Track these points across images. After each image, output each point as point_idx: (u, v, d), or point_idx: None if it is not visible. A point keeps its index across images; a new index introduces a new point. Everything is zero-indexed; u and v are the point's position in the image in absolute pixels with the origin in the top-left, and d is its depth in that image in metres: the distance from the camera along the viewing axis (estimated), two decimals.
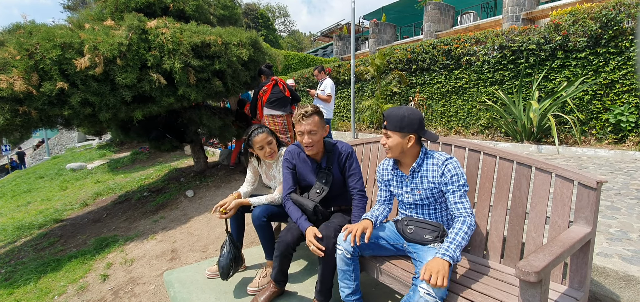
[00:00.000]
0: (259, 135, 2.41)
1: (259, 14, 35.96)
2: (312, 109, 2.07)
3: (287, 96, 4.86)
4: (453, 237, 1.58)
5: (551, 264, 1.23)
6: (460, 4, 18.04)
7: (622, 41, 5.20)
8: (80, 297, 2.95)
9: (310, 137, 2.05)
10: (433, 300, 1.43)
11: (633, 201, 2.90)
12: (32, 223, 5.57)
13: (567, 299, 1.49)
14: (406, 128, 1.71)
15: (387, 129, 1.76)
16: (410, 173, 1.80)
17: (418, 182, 1.79)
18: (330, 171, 2.18)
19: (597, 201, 1.54)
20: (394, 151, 1.77)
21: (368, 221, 1.82)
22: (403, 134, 1.72)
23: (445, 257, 1.49)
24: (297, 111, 2.08)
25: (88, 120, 4.07)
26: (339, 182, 2.21)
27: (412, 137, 1.72)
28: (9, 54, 3.43)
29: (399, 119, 1.72)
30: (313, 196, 2.15)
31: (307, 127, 2.03)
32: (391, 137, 1.75)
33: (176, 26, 4.32)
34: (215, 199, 4.79)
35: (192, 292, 2.43)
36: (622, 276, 1.81)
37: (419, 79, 8.49)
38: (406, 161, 1.81)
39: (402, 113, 1.73)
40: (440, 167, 1.73)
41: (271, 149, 2.44)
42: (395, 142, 1.74)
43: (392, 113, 1.75)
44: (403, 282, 1.71)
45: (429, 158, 1.79)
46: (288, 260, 2.14)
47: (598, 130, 5.58)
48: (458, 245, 1.55)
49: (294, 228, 2.08)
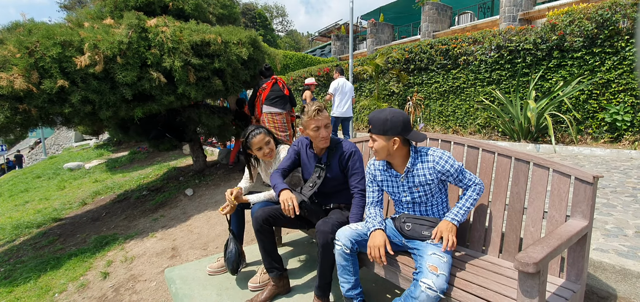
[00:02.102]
0: (256, 137, 2.43)
1: (257, 14, 35.93)
2: (320, 105, 2.16)
3: (286, 95, 4.89)
4: (463, 203, 1.77)
5: (549, 255, 1.26)
6: (458, 4, 18.12)
7: (618, 41, 5.26)
8: (81, 295, 2.96)
9: (327, 130, 2.17)
10: (434, 294, 1.46)
11: (629, 199, 2.94)
12: (30, 222, 5.55)
13: (564, 292, 1.52)
14: (389, 131, 1.73)
15: (372, 133, 1.79)
16: (405, 173, 1.82)
17: (415, 181, 1.81)
18: (329, 166, 2.22)
19: (594, 196, 1.57)
20: (380, 153, 1.80)
21: (381, 232, 1.80)
22: (387, 137, 1.74)
23: (454, 221, 1.72)
24: (311, 107, 2.14)
25: (88, 118, 4.07)
26: (338, 180, 2.24)
27: (397, 140, 1.74)
28: (9, 52, 3.43)
29: (381, 123, 1.74)
30: (306, 189, 2.22)
31: (324, 121, 2.15)
32: (376, 140, 1.78)
33: (176, 25, 4.33)
34: (215, 197, 4.80)
35: (193, 288, 2.45)
36: (618, 270, 1.85)
37: (416, 79, 8.54)
38: (395, 162, 1.84)
39: (384, 116, 1.75)
40: (435, 165, 1.76)
41: (269, 149, 2.46)
42: (381, 146, 1.77)
43: (375, 117, 1.78)
44: (404, 276, 1.73)
45: (423, 155, 1.81)
46: (269, 240, 2.20)
47: (594, 130, 5.63)
48: (466, 210, 1.76)
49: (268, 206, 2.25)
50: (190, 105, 5.30)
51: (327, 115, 2.18)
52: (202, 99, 4.81)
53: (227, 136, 5.92)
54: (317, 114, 2.12)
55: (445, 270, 1.55)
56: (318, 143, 2.21)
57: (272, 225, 2.22)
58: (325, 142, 2.20)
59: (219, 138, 6.02)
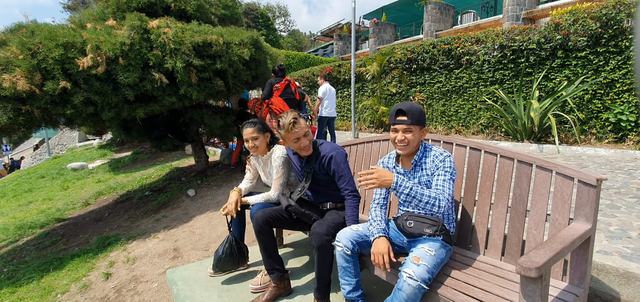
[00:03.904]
0: (246, 128, 2.45)
1: (259, 14, 35.95)
2: (296, 114, 2.13)
3: (297, 99, 4.92)
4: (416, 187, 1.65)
5: (552, 260, 1.24)
6: (461, 4, 18.03)
7: (622, 40, 5.22)
8: (83, 296, 2.97)
9: (307, 138, 2.16)
10: (415, 284, 1.48)
11: (633, 200, 2.91)
12: (33, 222, 5.59)
13: (567, 296, 1.50)
14: (423, 121, 1.76)
15: (409, 123, 1.74)
16: (413, 167, 1.83)
17: (420, 175, 1.82)
18: (314, 170, 2.24)
19: (597, 198, 1.55)
20: (412, 145, 1.77)
21: (385, 240, 1.75)
22: (421, 127, 1.76)
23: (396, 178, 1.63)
24: (286, 120, 2.10)
25: (90, 119, 4.09)
26: (323, 181, 2.25)
27: (425, 130, 1.79)
28: (11, 53, 3.45)
29: (419, 113, 1.75)
30: (295, 194, 2.28)
31: (302, 131, 2.13)
32: (413, 131, 1.75)
33: (178, 26, 4.33)
34: (217, 198, 4.81)
35: (195, 290, 2.45)
36: (621, 273, 1.83)
37: (419, 79, 8.51)
38: (411, 155, 1.84)
39: (419, 107, 1.77)
40: (438, 159, 1.77)
41: (254, 145, 2.45)
42: (416, 136, 1.76)
43: (413, 107, 1.75)
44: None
45: (429, 151, 1.82)
46: (269, 241, 2.21)
47: (598, 130, 5.59)
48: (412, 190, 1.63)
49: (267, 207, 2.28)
50: (193, 105, 5.31)
51: (303, 124, 2.14)
52: (203, 99, 4.82)
53: (229, 136, 5.92)
54: (293, 127, 2.09)
55: (429, 262, 1.56)
56: (301, 153, 2.22)
57: (272, 226, 2.22)
58: (308, 150, 2.20)
59: (221, 138, 6.02)
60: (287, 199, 2.22)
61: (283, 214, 2.27)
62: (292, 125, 2.09)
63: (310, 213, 2.20)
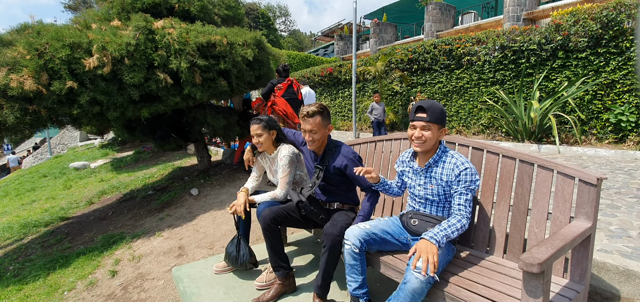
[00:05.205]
0: (253, 124, 2.49)
1: (260, 14, 35.97)
2: (315, 109, 2.14)
3: (299, 99, 4.94)
4: (445, 226, 1.67)
5: (553, 256, 1.28)
6: (461, 4, 18.06)
7: (623, 41, 5.25)
8: (90, 293, 3.01)
9: (311, 135, 2.17)
10: (423, 277, 1.49)
11: (633, 200, 2.95)
12: (38, 221, 5.63)
13: (568, 292, 1.54)
14: (442, 121, 1.76)
15: (427, 121, 1.74)
16: (426, 167, 1.84)
17: (432, 176, 1.83)
18: (327, 168, 2.24)
19: (598, 197, 1.59)
20: (428, 143, 1.77)
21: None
22: (440, 126, 1.77)
23: (432, 240, 1.58)
24: (307, 108, 2.15)
25: (96, 119, 4.13)
26: (335, 182, 2.26)
27: (444, 131, 1.79)
28: (18, 53, 3.49)
29: (440, 111, 1.75)
30: (306, 190, 2.28)
31: (308, 127, 2.15)
32: (431, 129, 1.75)
33: (182, 26, 4.37)
34: (220, 197, 4.85)
35: (201, 287, 2.49)
36: (621, 270, 1.87)
37: (420, 79, 8.54)
38: (427, 154, 1.85)
39: (440, 105, 1.76)
40: (458, 168, 1.75)
41: (259, 142, 2.49)
42: (434, 135, 1.76)
43: (434, 105, 1.75)
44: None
45: (447, 155, 1.82)
46: (276, 239, 2.24)
47: (598, 130, 5.62)
48: (446, 235, 1.64)
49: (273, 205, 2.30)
50: (196, 105, 5.35)
51: (314, 121, 2.12)
52: (207, 99, 4.86)
53: (232, 136, 5.96)
54: (304, 118, 2.14)
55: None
56: (308, 145, 2.24)
57: (279, 224, 2.26)
58: (311, 145, 2.21)
59: (224, 138, 6.06)
60: (298, 194, 2.22)
61: (290, 212, 2.29)
62: (305, 115, 2.13)
63: (319, 212, 2.23)
